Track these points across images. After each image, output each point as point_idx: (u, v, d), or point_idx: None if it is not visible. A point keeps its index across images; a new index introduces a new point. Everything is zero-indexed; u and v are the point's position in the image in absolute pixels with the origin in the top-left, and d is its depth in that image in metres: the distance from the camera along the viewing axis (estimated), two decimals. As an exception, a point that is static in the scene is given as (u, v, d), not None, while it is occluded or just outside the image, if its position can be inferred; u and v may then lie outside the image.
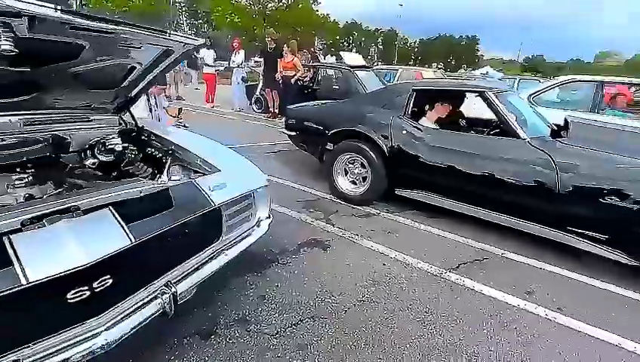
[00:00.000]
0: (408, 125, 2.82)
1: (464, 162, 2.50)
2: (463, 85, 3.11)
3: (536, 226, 2.30)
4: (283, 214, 2.86)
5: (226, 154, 1.83)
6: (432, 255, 2.36)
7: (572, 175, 2.13)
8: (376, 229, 2.70)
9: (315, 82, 7.19)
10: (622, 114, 4.39)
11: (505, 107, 2.51)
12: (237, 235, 1.55)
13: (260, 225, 1.67)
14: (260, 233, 1.64)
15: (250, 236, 1.60)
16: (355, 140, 3.04)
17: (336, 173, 3.23)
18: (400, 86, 3.23)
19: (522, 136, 2.37)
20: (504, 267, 2.28)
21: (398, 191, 2.93)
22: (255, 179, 1.64)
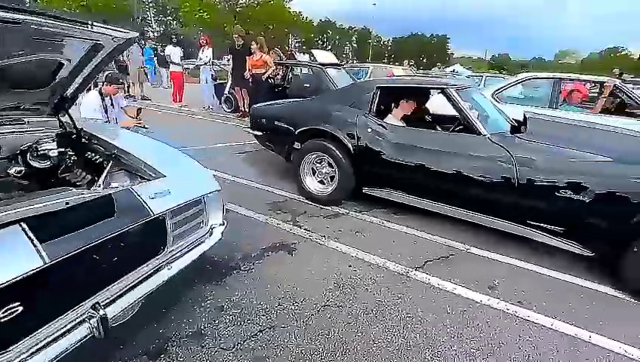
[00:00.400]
0: (373, 123, 2.79)
1: (428, 159, 2.51)
2: (426, 82, 3.12)
3: (499, 221, 2.34)
4: (248, 218, 2.75)
5: (175, 158, 1.70)
6: (398, 254, 2.34)
7: (529, 170, 2.17)
8: (343, 229, 2.65)
9: (285, 80, 7.07)
10: (577, 109, 4.61)
11: (466, 104, 2.53)
12: (186, 245, 1.44)
13: (213, 232, 1.56)
14: (212, 241, 1.53)
15: (202, 245, 1.49)
16: (322, 139, 2.98)
17: (304, 172, 3.15)
18: (365, 83, 3.19)
19: (483, 132, 2.40)
20: (469, 262, 2.30)
21: (365, 190, 2.90)
22: (206, 184, 1.53)
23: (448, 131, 2.77)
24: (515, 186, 2.20)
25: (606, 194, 1.97)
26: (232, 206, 2.92)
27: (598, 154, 2.08)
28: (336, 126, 2.89)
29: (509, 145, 2.30)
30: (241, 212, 2.84)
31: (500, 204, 2.31)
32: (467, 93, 2.72)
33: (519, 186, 2.19)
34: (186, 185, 1.43)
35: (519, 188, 2.19)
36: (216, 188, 1.54)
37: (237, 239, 2.40)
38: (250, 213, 2.82)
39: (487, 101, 3.01)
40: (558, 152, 2.18)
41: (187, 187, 1.43)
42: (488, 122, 2.53)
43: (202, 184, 1.53)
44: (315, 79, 6.53)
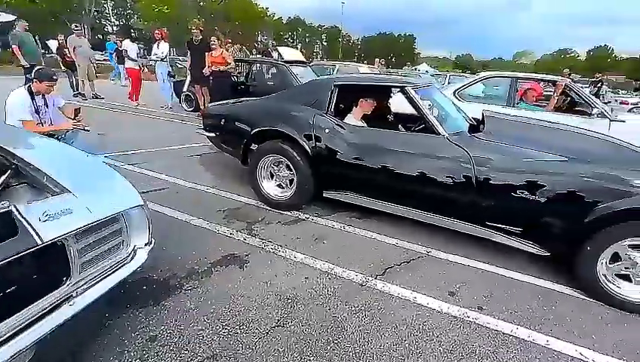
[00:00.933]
0: (331, 123, 2.65)
1: (387, 160, 2.41)
2: (385, 80, 3.03)
3: (459, 223, 2.28)
4: (198, 228, 2.52)
5: (87, 169, 1.45)
6: (359, 261, 2.22)
7: (487, 170, 2.13)
8: (302, 237, 2.49)
9: (248, 78, 6.79)
10: (532, 107, 4.76)
11: (425, 103, 2.46)
12: (99, 273, 1.21)
13: (137, 254, 1.33)
14: (135, 265, 1.31)
15: (122, 270, 1.26)
16: (279, 141, 2.80)
17: (261, 176, 2.96)
18: (322, 81, 3.04)
19: (441, 132, 2.33)
20: (430, 267, 2.23)
21: (326, 193, 2.76)
22: (125, 199, 1.30)
23: (408, 131, 2.69)
24: (473, 187, 2.15)
25: (560, 193, 1.96)
26: (182, 215, 2.67)
27: (553, 153, 2.07)
28: (292, 126, 2.72)
29: (467, 145, 2.24)
30: (192, 221, 2.60)
31: (459, 205, 2.25)
32: (427, 92, 2.65)
33: (477, 187, 2.14)
34: (98, 202, 1.20)
35: (477, 188, 2.14)
36: (138, 203, 1.32)
37: (183, 253, 2.17)
38: (202, 223, 2.58)
39: (447, 100, 2.97)
40: (514, 152, 2.15)
41: (100, 203, 1.20)
42: (448, 122, 2.47)
43: (121, 199, 1.30)
44: (279, 77, 6.32)
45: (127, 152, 4.27)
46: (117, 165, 3.76)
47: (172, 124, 6.42)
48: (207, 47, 6.48)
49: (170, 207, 2.81)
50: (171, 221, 2.59)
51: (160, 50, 7.29)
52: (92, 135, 5.02)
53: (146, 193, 3.04)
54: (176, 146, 4.69)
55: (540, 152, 2.10)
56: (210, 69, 6.35)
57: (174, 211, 2.74)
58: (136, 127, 5.94)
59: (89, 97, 8.47)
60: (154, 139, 4.98)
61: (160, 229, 2.42)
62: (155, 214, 2.67)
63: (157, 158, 4.11)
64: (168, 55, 7.48)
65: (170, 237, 2.34)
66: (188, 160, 4.19)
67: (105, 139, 4.86)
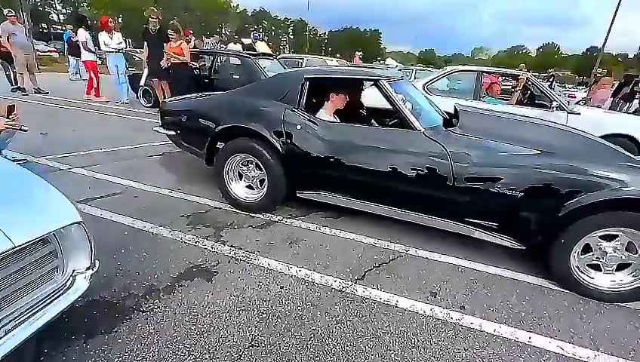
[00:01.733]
0: (303, 119, 2.49)
1: (362, 157, 2.30)
2: (358, 73, 2.91)
3: (437, 219, 2.23)
4: (158, 237, 2.27)
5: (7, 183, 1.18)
6: (337, 265, 2.11)
7: (464, 165, 2.08)
8: (275, 241, 2.33)
9: (212, 71, 6.41)
10: (496, 100, 4.90)
11: (399, 96, 2.37)
12: (27, 308, 0.98)
13: (76, 281, 1.11)
14: (74, 294, 1.08)
15: (58, 302, 1.04)
16: (247, 138, 2.59)
17: (229, 177, 2.74)
18: (291, 74, 2.85)
19: (417, 126, 2.25)
20: (410, 267, 2.16)
21: (299, 193, 2.61)
22: (58, 216, 1.07)
23: (382, 126, 2.59)
24: (451, 183, 2.10)
25: (535, 187, 1.96)
26: (140, 223, 2.40)
27: (527, 147, 2.07)
28: (262, 123, 2.52)
29: (443, 139, 2.19)
30: (152, 230, 2.34)
31: (437, 202, 2.20)
32: (400, 85, 2.57)
33: (455, 182, 2.10)
34: (17, 222, 0.96)
35: (455, 184, 2.10)
36: (74, 219, 1.09)
37: (141, 268, 1.93)
38: (163, 231, 2.33)
39: (419, 94, 2.91)
40: (490, 146, 2.13)
41: (21, 224, 0.96)
42: (422, 116, 2.40)
43: (52, 216, 1.06)
44: (245, 70, 6.02)
45: (74, 154, 3.83)
46: (61, 168, 3.36)
47: (128, 121, 5.91)
48: (166, 38, 6.02)
49: (126, 214, 2.52)
50: (128, 231, 2.31)
51: (114, 41, 6.67)
52: (32, 135, 4.48)
53: (96, 200, 2.71)
54: (133, 145, 4.30)
55: (514, 146, 2.09)
56: (168, 61, 5.90)
57: (131, 219, 2.45)
58: (87, 125, 5.39)
59: (30, 92, 7.62)
60: (107, 138, 4.53)
61: (114, 241, 2.15)
62: (109, 223, 2.38)
63: (110, 160, 3.72)
64: (120, 45, 6.87)
65: (126, 250, 2.08)
66: (146, 161, 3.84)
67: (48, 140, 4.34)
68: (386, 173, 2.24)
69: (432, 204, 2.22)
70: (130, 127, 5.43)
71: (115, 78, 7.04)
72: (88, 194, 2.82)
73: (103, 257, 1.96)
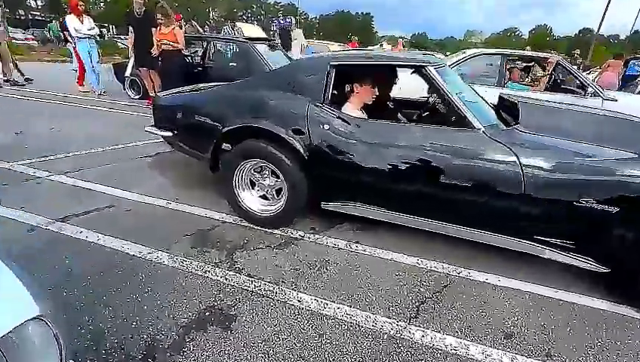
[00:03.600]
0: (330, 116, 2.05)
1: (408, 162, 1.88)
2: (397, 58, 2.28)
3: (500, 237, 1.85)
4: (158, 267, 1.84)
5: None
6: (381, 297, 1.72)
7: (537, 172, 1.68)
8: (302, 267, 1.92)
9: (205, 59, 5.84)
10: (522, 87, 4.50)
11: (450, 87, 1.94)
12: None
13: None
14: None
15: None
16: (260, 140, 2.15)
17: (239, 186, 2.31)
18: (313, 61, 2.35)
19: (476, 125, 1.82)
20: (469, 296, 1.77)
21: (324, 204, 2.19)
22: (10, 313, 0.64)
23: (423, 123, 2.14)
24: (521, 194, 1.71)
25: (630, 199, 1.58)
26: (133, 247, 1.96)
27: (619, 149, 1.67)
28: (279, 122, 2.08)
29: (510, 140, 1.77)
30: (149, 257, 1.91)
31: (502, 217, 1.81)
32: (446, 73, 2.12)
33: (525, 193, 1.70)
34: None
35: (525, 195, 1.70)
36: (31, 314, 0.66)
37: (139, 315, 1.51)
38: (164, 258, 1.91)
39: (462, 83, 2.46)
40: (569, 148, 1.73)
41: None
42: (477, 111, 1.97)
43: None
44: (241, 57, 5.47)
45: (53, 157, 3.34)
46: (38, 176, 2.87)
47: (114, 116, 5.36)
48: (153, 21, 5.41)
49: (117, 235, 2.08)
50: (119, 258, 1.88)
51: (85, 26, 6.01)
52: (5, 135, 3.95)
53: (79, 216, 2.26)
54: (121, 145, 3.80)
55: (604, 148, 1.69)
56: (159, 48, 5.31)
57: (122, 242, 2.02)
58: (68, 120, 4.83)
59: (2, 84, 6.96)
60: (91, 136, 4.02)
61: (102, 274, 1.72)
62: (95, 249, 1.94)
63: (95, 163, 3.24)
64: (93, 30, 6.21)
65: (118, 288, 1.65)
66: (137, 163, 3.36)
67: (23, 140, 3.82)
68: (437, 181, 1.84)
69: (496, 219, 1.84)
70: (117, 122, 4.90)
71: (88, 67, 6.40)
72: (69, 208, 2.37)
73: (89, 299, 1.56)
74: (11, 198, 2.47)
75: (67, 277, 1.71)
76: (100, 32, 9.69)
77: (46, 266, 1.77)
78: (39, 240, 1.99)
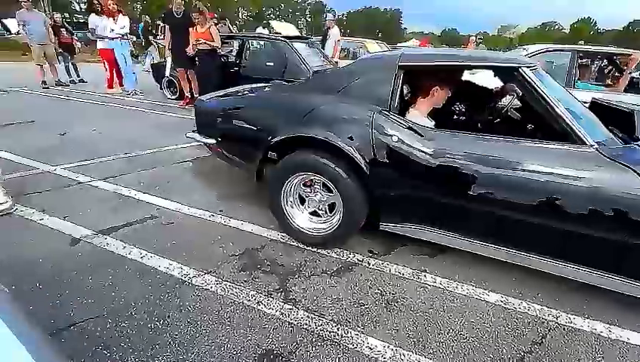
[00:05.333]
0: (399, 125, 1.76)
1: (497, 182, 1.57)
2: (483, 58, 1.87)
3: (617, 279, 1.49)
4: (206, 293, 1.64)
5: None
6: (466, 348, 1.42)
7: None
8: (367, 302, 1.66)
9: (241, 58, 5.71)
10: (595, 87, 3.98)
11: (550, 92, 1.59)
12: None
13: None
14: None
15: None
16: (313, 151, 1.90)
17: (288, 202, 2.08)
18: (378, 61, 2.06)
19: (587, 140, 1.48)
20: (580, 351, 1.45)
21: (384, 226, 1.92)
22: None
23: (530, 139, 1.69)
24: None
25: None
26: (180, 269, 1.79)
27: None
28: (336, 130, 1.81)
29: (632, 161, 1.42)
30: (196, 281, 1.72)
31: (622, 254, 1.46)
32: (542, 76, 1.73)
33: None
34: None
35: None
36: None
37: (185, 356, 1.31)
38: (211, 283, 1.71)
39: (561, 88, 2.02)
40: None
41: None
42: (585, 124, 1.59)
43: None
44: (278, 56, 5.27)
45: (94, 160, 3.29)
46: (80, 181, 2.81)
47: (153, 117, 5.34)
48: (191, 21, 5.33)
49: (160, 252, 1.92)
50: (163, 280, 1.71)
51: (119, 26, 6.05)
52: (52, 136, 3.99)
53: (122, 229, 2.13)
54: (159, 148, 3.71)
55: None
56: (194, 48, 5.23)
57: (167, 262, 1.85)
58: (109, 122, 4.85)
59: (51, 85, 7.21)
60: (131, 138, 3.97)
61: (147, 300, 1.54)
62: (140, 270, 1.78)
63: (135, 168, 3.15)
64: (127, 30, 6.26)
65: (163, 320, 1.47)
66: (177, 169, 3.23)
67: (66, 142, 3.83)
68: (533, 209, 1.51)
69: (613, 256, 1.49)
70: (156, 124, 4.86)
71: (124, 67, 6.46)
72: (111, 219, 2.25)
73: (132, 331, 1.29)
74: (55, 205, 2.39)
75: (112, 302, 1.55)
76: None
77: (91, 289, 1.63)
78: (83, 257, 1.87)
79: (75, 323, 1.43)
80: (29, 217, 2.23)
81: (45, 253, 1.88)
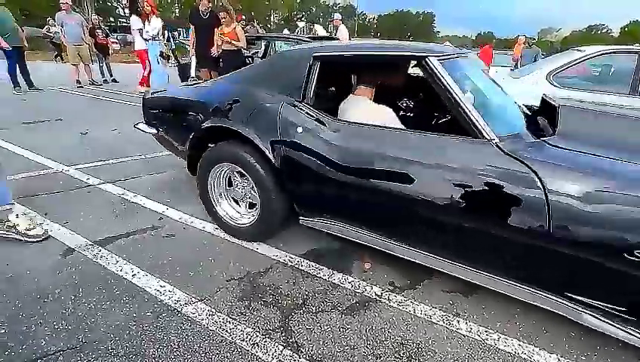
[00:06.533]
0: (308, 117, 1.69)
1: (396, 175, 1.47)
2: (393, 48, 1.73)
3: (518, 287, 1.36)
4: (195, 326, 1.41)
5: None
6: None
7: (568, 200, 1.17)
8: (386, 353, 1.35)
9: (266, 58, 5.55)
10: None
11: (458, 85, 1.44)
12: None
13: None
14: None
15: None
16: (233, 142, 1.88)
17: (214, 191, 2.08)
18: (294, 52, 1.95)
19: (488, 134, 1.36)
20: None
21: (303, 220, 1.85)
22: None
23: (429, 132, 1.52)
24: (544, 228, 1.21)
25: None
26: (171, 294, 1.57)
27: None
28: (250, 122, 1.78)
29: (532, 156, 1.27)
30: (186, 310, 1.49)
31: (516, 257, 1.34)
32: (459, 66, 1.63)
33: (550, 228, 1.20)
34: None
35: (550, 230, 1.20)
36: None
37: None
38: (204, 313, 1.48)
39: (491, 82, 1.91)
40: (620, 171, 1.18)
41: None
42: (496, 117, 1.53)
43: None
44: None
45: (108, 161, 3.21)
46: (89, 184, 2.71)
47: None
48: (217, 22, 5.26)
49: (153, 270, 1.73)
50: (151, 306, 1.50)
51: (151, 27, 6.08)
52: (74, 135, 4.01)
53: (118, 239, 1.97)
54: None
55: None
56: (219, 48, 5.14)
57: (159, 283, 1.65)
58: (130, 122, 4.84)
59: (86, 85, 7.46)
60: (148, 139, 3.88)
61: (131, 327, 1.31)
62: (127, 289, 1.58)
63: (147, 170, 3.03)
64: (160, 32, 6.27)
65: (134, 359, 1.25)
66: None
67: (86, 141, 3.82)
68: (430, 204, 1.41)
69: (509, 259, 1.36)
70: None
71: (155, 67, 6.49)
72: (111, 227, 2.11)
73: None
74: (59, 209, 2.29)
75: (90, 332, 1.35)
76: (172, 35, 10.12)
77: (70, 314, 1.45)
78: (71, 272, 1.71)
79: (45, 356, 1.25)
80: (29, 221, 2.13)
81: (35, 264, 1.74)
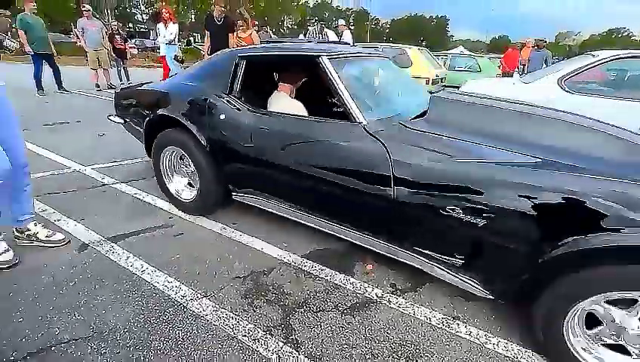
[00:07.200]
0: (228, 106, 2.04)
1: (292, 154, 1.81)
2: (292, 49, 2.08)
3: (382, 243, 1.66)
4: (200, 321, 1.46)
5: None
6: None
7: (408, 171, 1.43)
8: (383, 353, 1.37)
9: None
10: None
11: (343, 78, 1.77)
12: None
13: None
14: None
15: None
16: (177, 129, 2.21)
17: (166, 171, 2.46)
18: (225, 53, 2.32)
19: (358, 118, 1.65)
20: None
21: (235, 195, 2.19)
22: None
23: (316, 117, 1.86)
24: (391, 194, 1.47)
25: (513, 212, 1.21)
26: (178, 289, 1.63)
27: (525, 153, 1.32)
28: (186, 111, 2.15)
29: (388, 136, 1.55)
30: (192, 306, 1.55)
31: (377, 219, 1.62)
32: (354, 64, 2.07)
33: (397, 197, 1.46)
34: None
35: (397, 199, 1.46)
36: None
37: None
38: (208, 309, 1.53)
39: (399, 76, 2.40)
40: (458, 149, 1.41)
41: None
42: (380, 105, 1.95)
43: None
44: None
45: (123, 161, 3.33)
46: (104, 183, 2.82)
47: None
48: (231, 27, 5.40)
49: (162, 267, 1.80)
50: (158, 300, 1.56)
51: (169, 32, 6.27)
52: (92, 136, 4.17)
53: (129, 236, 2.05)
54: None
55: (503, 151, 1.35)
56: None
57: (166, 278, 1.72)
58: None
59: (105, 88, 7.72)
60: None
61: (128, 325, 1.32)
62: (137, 283, 1.65)
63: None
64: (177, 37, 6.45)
65: (141, 350, 1.30)
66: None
67: (102, 142, 3.97)
68: (316, 176, 1.71)
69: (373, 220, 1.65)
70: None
71: (173, 69, 6.66)
72: (123, 225, 2.19)
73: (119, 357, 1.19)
74: (75, 206, 2.40)
75: (101, 323, 1.42)
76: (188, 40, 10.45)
77: (83, 305, 1.52)
78: (86, 266, 1.79)
79: (59, 343, 1.32)
80: (48, 218, 2.24)
81: (51, 259, 1.83)
